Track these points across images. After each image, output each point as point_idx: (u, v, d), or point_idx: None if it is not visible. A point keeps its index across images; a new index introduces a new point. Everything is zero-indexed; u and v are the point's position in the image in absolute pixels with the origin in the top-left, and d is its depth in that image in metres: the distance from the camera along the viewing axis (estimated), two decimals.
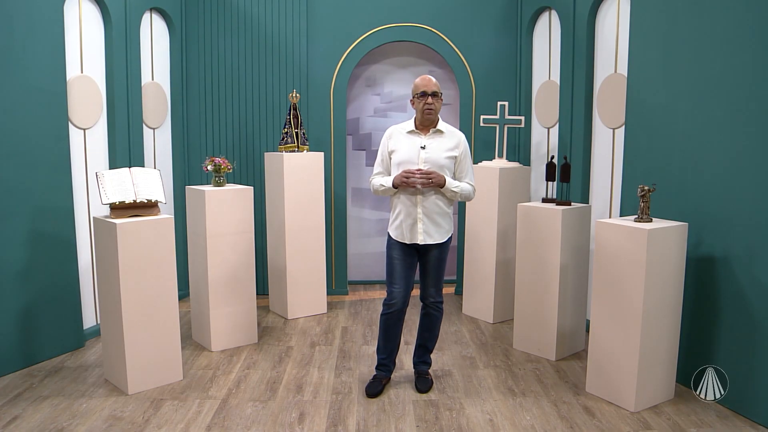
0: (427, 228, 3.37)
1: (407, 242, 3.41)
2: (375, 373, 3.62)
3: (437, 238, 3.40)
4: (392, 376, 3.72)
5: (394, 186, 3.34)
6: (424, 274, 3.52)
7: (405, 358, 4.00)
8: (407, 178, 3.26)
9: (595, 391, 3.49)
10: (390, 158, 3.41)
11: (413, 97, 3.38)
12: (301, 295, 4.93)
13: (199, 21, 5.28)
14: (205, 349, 4.21)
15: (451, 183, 3.33)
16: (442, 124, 3.42)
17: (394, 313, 3.45)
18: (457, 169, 3.42)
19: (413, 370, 3.71)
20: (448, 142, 3.39)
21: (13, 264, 3.67)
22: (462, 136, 3.46)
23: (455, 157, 3.39)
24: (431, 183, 3.27)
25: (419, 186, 3.26)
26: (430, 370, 3.68)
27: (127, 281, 3.39)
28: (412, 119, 3.45)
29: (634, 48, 3.96)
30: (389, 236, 3.50)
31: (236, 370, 3.84)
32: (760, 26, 3.06)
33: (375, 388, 3.51)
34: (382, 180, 3.43)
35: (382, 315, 3.51)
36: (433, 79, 3.37)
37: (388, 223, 3.53)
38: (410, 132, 3.42)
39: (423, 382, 3.57)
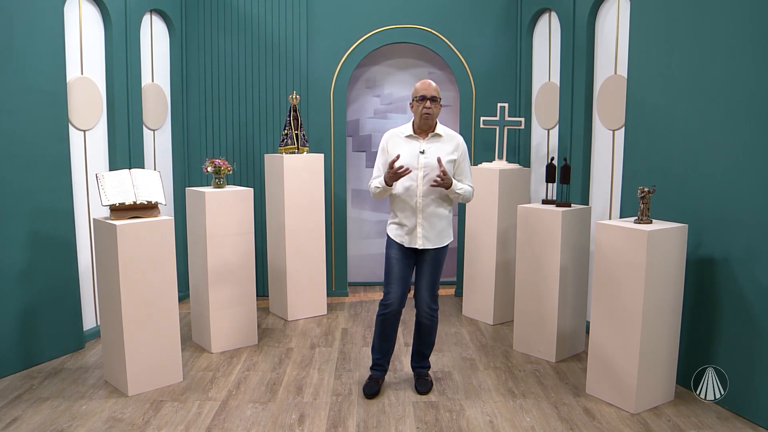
0: (427, 233, 3.37)
1: (406, 245, 3.41)
2: (370, 373, 3.61)
3: (437, 242, 3.40)
4: (392, 377, 3.72)
5: (387, 184, 3.32)
6: (419, 274, 3.49)
7: (405, 360, 4.00)
8: (392, 170, 3.20)
9: (596, 393, 3.49)
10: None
11: (412, 100, 3.39)
12: (301, 297, 4.93)
13: (199, 22, 5.28)
14: (205, 351, 4.20)
15: (456, 185, 3.34)
16: (440, 128, 3.42)
17: (390, 313, 3.45)
18: (456, 172, 3.42)
19: (412, 373, 3.71)
20: (446, 146, 3.39)
21: (13, 265, 3.67)
22: (460, 139, 3.46)
23: (454, 160, 3.39)
24: (442, 183, 3.25)
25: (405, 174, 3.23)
26: (429, 372, 3.68)
27: (127, 283, 3.39)
28: (410, 122, 3.45)
29: (634, 49, 3.96)
30: (388, 236, 3.50)
31: (236, 372, 3.84)
32: (760, 27, 3.06)
33: (372, 389, 3.50)
34: (376, 182, 3.41)
35: (378, 315, 3.50)
36: (434, 84, 3.37)
37: (387, 222, 3.53)
38: (409, 136, 3.41)
39: (423, 383, 3.57)
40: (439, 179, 3.23)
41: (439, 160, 3.26)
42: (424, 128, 3.39)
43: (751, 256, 3.15)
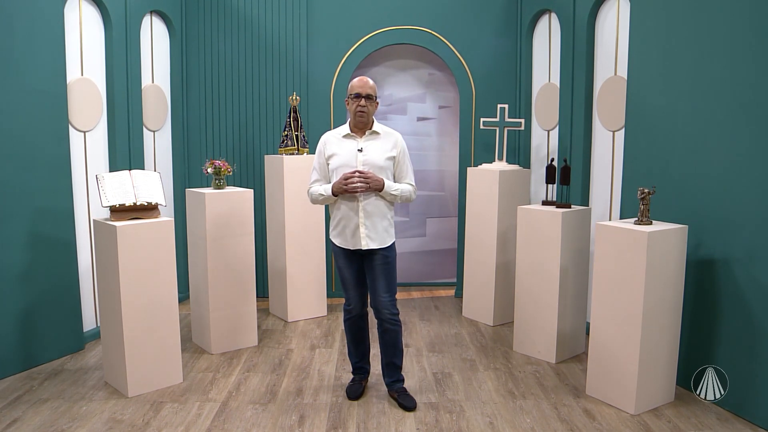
0: (370, 233, 3.27)
1: (351, 248, 3.32)
2: (353, 376, 3.60)
3: (381, 242, 3.29)
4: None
5: (334, 194, 3.25)
6: (372, 280, 3.34)
7: (405, 360, 3.99)
8: (346, 183, 3.16)
9: (596, 394, 3.49)
10: (328, 164, 3.33)
11: (348, 97, 3.33)
12: (301, 298, 4.93)
13: (199, 23, 5.29)
14: (205, 352, 4.20)
15: (390, 186, 3.26)
16: (377, 125, 3.35)
17: (355, 317, 3.46)
18: (397, 170, 3.35)
19: (387, 390, 3.50)
20: (385, 144, 3.32)
21: (12, 266, 3.67)
22: (399, 136, 3.39)
23: (394, 157, 3.32)
24: (369, 188, 3.19)
25: (359, 191, 3.18)
26: (404, 385, 3.52)
27: (127, 284, 3.39)
28: (347, 123, 3.38)
29: (634, 50, 3.96)
30: (333, 243, 3.40)
31: (236, 373, 3.84)
32: (760, 28, 3.06)
33: (357, 391, 3.50)
34: (320, 189, 3.33)
35: (345, 321, 3.51)
36: (370, 82, 3.31)
37: (330, 228, 3.41)
38: (346, 136, 3.33)
39: (406, 397, 3.41)
40: (361, 184, 3.16)
41: (362, 172, 3.17)
42: (359, 126, 3.32)
43: (751, 256, 3.15)
